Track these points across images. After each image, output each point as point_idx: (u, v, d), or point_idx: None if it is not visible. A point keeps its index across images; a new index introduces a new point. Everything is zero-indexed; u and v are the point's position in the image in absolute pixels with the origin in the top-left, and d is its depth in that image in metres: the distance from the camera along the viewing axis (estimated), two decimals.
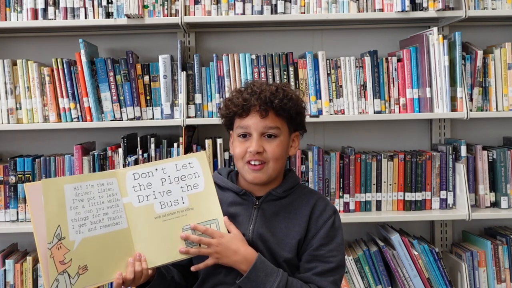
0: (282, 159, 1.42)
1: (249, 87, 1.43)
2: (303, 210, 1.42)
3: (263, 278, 1.30)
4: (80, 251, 1.23)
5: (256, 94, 1.38)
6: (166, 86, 2.07)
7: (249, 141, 1.39)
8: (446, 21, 2.23)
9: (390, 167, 2.12)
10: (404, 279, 2.03)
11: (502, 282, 2.11)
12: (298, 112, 1.44)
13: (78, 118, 2.07)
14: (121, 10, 2.06)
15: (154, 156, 2.05)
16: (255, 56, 2.08)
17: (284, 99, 1.39)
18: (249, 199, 1.44)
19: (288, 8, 2.12)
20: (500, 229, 2.28)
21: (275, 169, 1.41)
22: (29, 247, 2.26)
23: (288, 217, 1.42)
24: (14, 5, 2.10)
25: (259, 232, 1.39)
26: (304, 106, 1.48)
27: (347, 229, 2.30)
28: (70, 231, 1.23)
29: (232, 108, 1.42)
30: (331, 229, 1.41)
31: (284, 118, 1.41)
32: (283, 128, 1.41)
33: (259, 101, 1.37)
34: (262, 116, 1.38)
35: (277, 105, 1.38)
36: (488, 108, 2.15)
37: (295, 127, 1.47)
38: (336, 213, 1.45)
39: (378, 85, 2.10)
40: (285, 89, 1.42)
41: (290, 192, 1.45)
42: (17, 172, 2.06)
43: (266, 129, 1.38)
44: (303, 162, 2.09)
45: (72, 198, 1.25)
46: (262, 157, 1.38)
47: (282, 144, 1.40)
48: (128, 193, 1.33)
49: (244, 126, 1.40)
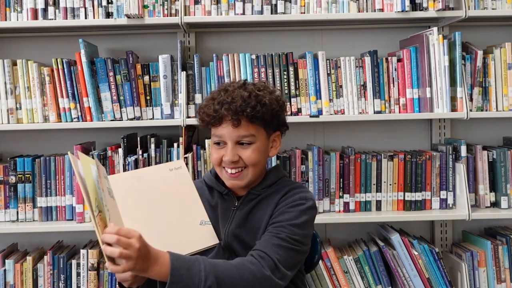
0: (260, 163, 1.41)
1: (220, 95, 1.38)
2: (274, 199, 1.41)
3: (186, 274, 1.15)
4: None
5: (227, 103, 1.34)
6: (166, 86, 2.07)
7: (224, 149, 1.38)
8: (446, 21, 2.23)
9: (390, 167, 2.12)
10: (404, 279, 2.03)
11: (502, 282, 2.11)
12: (274, 115, 1.39)
13: (78, 118, 2.07)
14: (121, 10, 2.06)
15: (154, 156, 2.05)
16: (255, 56, 2.08)
17: (256, 106, 1.34)
18: (230, 200, 1.45)
19: (288, 8, 2.12)
20: (500, 229, 2.28)
21: (254, 174, 1.40)
22: (29, 247, 2.26)
23: (261, 208, 1.41)
24: (14, 5, 2.10)
25: (234, 234, 1.39)
26: (282, 104, 1.43)
27: (347, 229, 2.32)
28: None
29: (205, 118, 1.40)
30: (290, 208, 1.35)
31: (259, 124, 1.38)
32: (258, 133, 1.39)
33: (230, 112, 1.34)
34: (235, 126, 1.35)
35: (249, 114, 1.34)
36: (488, 108, 2.15)
37: (274, 128, 1.44)
38: (308, 201, 1.38)
39: (378, 85, 2.10)
40: (258, 93, 1.37)
41: (270, 188, 1.45)
42: (17, 172, 2.06)
43: (240, 137, 1.37)
44: (303, 162, 2.09)
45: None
46: (237, 165, 1.38)
47: (258, 149, 1.39)
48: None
49: (218, 135, 1.39)
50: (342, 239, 2.33)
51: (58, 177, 2.07)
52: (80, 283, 2.06)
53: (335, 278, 2.05)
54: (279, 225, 1.33)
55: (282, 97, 1.47)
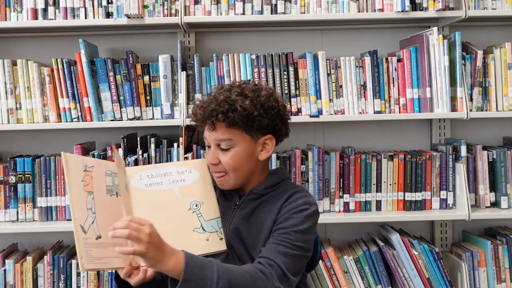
0: (243, 168, 1.40)
1: (209, 96, 1.43)
2: (278, 203, 1.41)
3: (199, 274, 1.17)
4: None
5: (203, 108, 1.39)
6: (166, 86, 2.07)
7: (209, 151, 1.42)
8: (446, 21, 2.23)
9: (390, 167, 2.11)
10: (404, 279, 2.03)
11: (502, 282, 2.11)
12: (251, 120, 1.36)
13: (78, 118, 2.07)
14: (121, 10, 2.06)
15: (154, 156, 2.05)
16: (255, 56, 2.08)
17: (228, 112, 1.34)
18: (231, 199, 1.46)
19: (288, 8, 2.12)
20: (500, 229, 2.28)
21: (237, 178, 1.41)
22: (29, 247, 2.26)
23: (263, 211, 1.41)
24: (14, 5, 2.10)
25: (236, 232, 1.40)
26: (268, 109, 1.38)
27: (347, 229, 2.32)
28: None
29: (192, 119, 1.46)
30: (295, 214, 1.36)
31: (237, 128, 1.37)
32: (237, 138, 1.38)
33: (204, 116, 1.38)
34: (210, 129, 1.38)
35: (219, 119, 1.35)
36: (488, 108, 2.15)
37: (262, 131, 1.41)
38: (312, 206, 1.38)
39: (378, 85, 2.10)
40: (236, 98, 1.35)
41: (272, 190, 1.45)
42: (17, 172, 2.06)
43: (218, 141, 1.39)
44: (303, 162, 2.09)
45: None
46: (218, 168, 1.40)
47: (238, 154, 1.38)
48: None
49: (204, 137, 1.44)
50: (342, 239, 2.33)
51: (58, 177, 2.07)
52: (80, 283, 2.06)
53: (335, 278, 2.06)
54: (284, 231, 1.33)
55: (275, 101, 1.42)
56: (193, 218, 1.37)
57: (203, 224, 1.37)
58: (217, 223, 1.39)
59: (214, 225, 1.39)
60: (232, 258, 1.41)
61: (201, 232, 1.37)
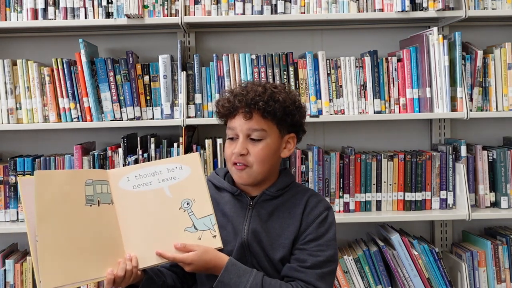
0: (269, 162, 1.41)
1: (239, 87, 1.42)
2: (297, 209, 1.42)
3: (235, 279, 1.29)
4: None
5: (241, 95, 1.38)
6: (166, 86, 2.07)
7: (236, 143, 1.40)
8: (446, 21, 2.23)
9: (390, 167, 2.12)
10: (404, 279, 2.03)
11: (502, 282, 2.11)
12: (287, 114, 1.40)
13: (78, 118, 2.07)
14: (121, 10, 2.06)
15: (154, 156, 2.05)
16: (255, 56, 2.08)
17: (269, 101, 1.37)
18: (243, 200, 1.45)
19: (288, 8, 2.12)
20: (500, 229, 2.28)
21: (260, 172, 1.40)
22: (29, 247, 2.25)
23: (282, 217, 1.42)
24: (14, 5, 2.10)
25: (254, 232, 1.40)
26: (298, 107, 1.44)
27: (347, 229, 2.32)
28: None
29: (220, 110, 1.44)
30: (321, 224, 1.40)
31: (271, 120, 1.39)
32: (270, 130, 1.39)
33: (242, 103, 1.37)
34: (246, 118, 1.37)
35: (261, 107, 1.36)
36: (488, 108, 2.15)
37: (288, 128, 1.44)
38: (330, 209, 1.44)
39: (378, 85, 2.10)
40: (274, 90, 1.39)
41: (284, 191, 1.45)
42: (17, 172, 2.06)
43: (251, 131, 1.38)
44: (303, 162, 2.09)
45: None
46: (245, 160, 1.39)
47: (268, 147, 1.39)
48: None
49: (232, 127, 1.41)
50: (342, 239, 2.33)
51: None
52: None
53: (335, 278, 2.05)
54: (317, 248, 1.38)
55: (300, 101, 1.47)
56: (184, 217, 1.33)
57: (195, 222, 1.33)
58: (210, 220, 1.34)
59: (206, 222, 1.34)
60: (246, 256, 1.41)
61: (192, 231, 1.32)
